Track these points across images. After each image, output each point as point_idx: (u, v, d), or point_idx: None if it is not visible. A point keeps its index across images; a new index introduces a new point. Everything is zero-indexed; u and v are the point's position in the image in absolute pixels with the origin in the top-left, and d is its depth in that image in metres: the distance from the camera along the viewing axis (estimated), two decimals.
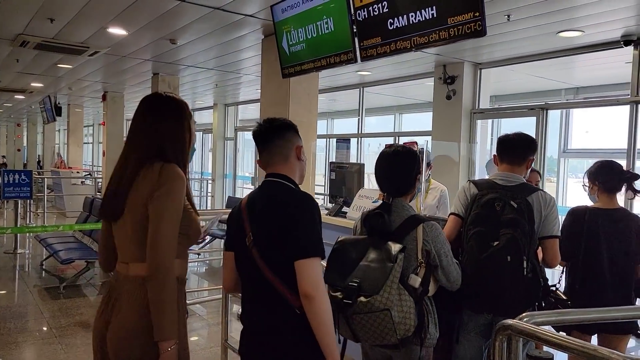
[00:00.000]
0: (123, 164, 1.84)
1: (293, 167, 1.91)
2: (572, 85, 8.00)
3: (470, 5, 2.83)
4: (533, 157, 2.59)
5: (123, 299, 1.76)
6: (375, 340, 2.01)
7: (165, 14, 5.11)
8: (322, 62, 4.04)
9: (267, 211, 1.82)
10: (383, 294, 1.95)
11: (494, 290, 2.31)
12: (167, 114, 1.86)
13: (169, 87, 8.85)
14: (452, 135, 6.68)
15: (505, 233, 2.30)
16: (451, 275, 2.15)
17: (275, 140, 1.89)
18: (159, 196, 1.72)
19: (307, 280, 1.67)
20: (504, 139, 2.64)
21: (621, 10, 4.49)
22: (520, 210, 2.34)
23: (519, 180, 2.51)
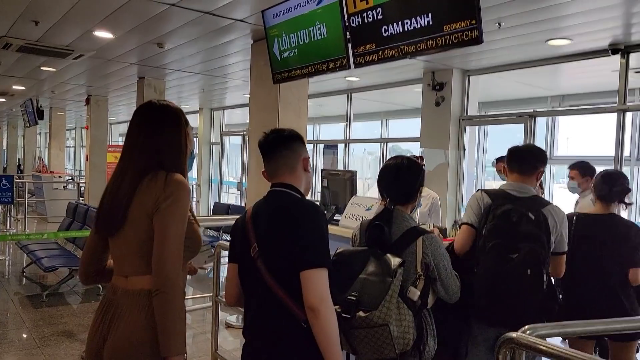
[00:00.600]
0: (119, 176, 1.77)
1: (299, 178, 1.88)
2: (558, 92, 8.08)
3: (466, 13, 2.82)
4: (543, 168, 2.61)
5: (124, 313, 1.69)
6: (374, 354, 1.97)
7: (153, 17, 5.04)
8: (314, 68, 4.00)
9: (273, 221, 1.79)
10: (382, 309, 1.91)
11: (512, 303, 2.31)
12: (163, 123, 1.80)
13: (155, 91, 8.74)
14: (441, 142, 6.69)
15: (525, 246, 2.29)
16: (450, 288, 2.13)
17: (282, 151, 1.87)
18: (166, 207, 1.66)
19: (312, 292, 1.63)
20: (515, 149, 2.67)
21: (609, 19, 4.54)
22: (538, 222, 2.35)
23: (531, 192, 2.54)
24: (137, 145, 1.78)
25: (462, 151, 6.68)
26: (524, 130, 6.04)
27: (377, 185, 2.26)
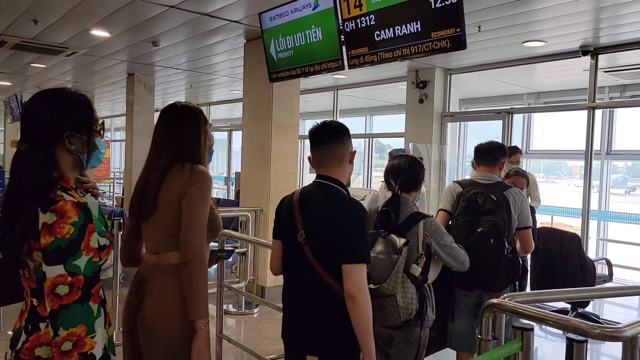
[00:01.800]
0: (149, 168, 2.04)
1: (345, 170, 2.06)
2: (533, 90, 8.49)
3: (452, 22, 3.13)
4: (504, 159, 3.08)
5: (155, 285, 1.94)
6: (382, 322, 2.27)
7: (151, 18, 5.24)
8: (310, 69, 4.27)
9: (322, 215, 1.98)
10: (389, 282, 2.22)
11: (481, 268, 2.70)
12: (185, 122, 2.05)
13: (145, 87, 8.92)
14: (424, 137, 7.02)
15: (487, 220, 2.70)
16: (458, 258, 2.47)
17: (333, 142, 2.03)
18: (192, 192, 1.91)
19: (352, 283, 1.84)
20: (479, 147, 3.12)
21: (579, 24, 4.91)
22: (498, 202, 2.77)
23: (496, 179, 2.99)
24: (164, 141, 2.03)
25: (444, 146, 7.03)
26: (502, 126, 6.41)
27: (386, 176, 2.59)
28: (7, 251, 1.48)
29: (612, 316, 5.11)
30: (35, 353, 1.45)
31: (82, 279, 1.39)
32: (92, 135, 1.57)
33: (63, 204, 1.40)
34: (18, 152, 1.50)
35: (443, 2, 3.13)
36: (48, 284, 1.38)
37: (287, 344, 2.12)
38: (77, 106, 1.56)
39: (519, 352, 1.89)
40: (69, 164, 1.53)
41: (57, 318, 1.37)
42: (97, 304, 1.43)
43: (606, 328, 1.83)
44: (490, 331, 2.15)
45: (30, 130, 1.51)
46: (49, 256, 1.38)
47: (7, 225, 1.46)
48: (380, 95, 9.83)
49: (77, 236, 1.39)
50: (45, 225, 1.38)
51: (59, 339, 1.37)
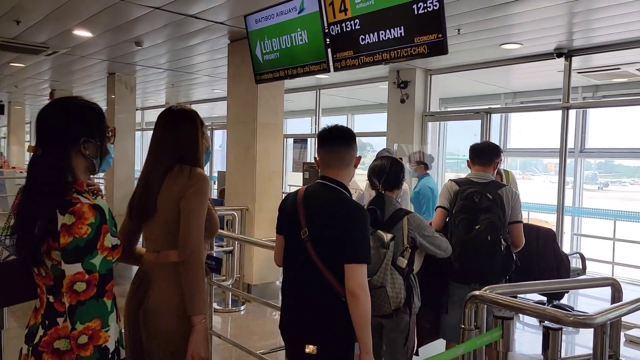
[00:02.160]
0: (148, 171, 2.11)
1: (349, 174, 2.18)
2: (510, 90, 8.72)
3: (434, 28, 3.26)
4: (498, 160, 3.20)
5: (156, 281, 2.03)
6: (374, 311, 2.37)
7: (136, 19, 5.27)
8: (296, 71, 4.37)
9: (327, 216, 2.08)
10: (379, 275, 2.39)
11: (478, 263, 2.87)
12: (182, 125, 2.13)
13: (126, 87, 8.90)
14: (406, 136, 7.18)
15: (485, 218, 2.85)
16: (441, 246, 2.64)
17: (342, 145, 2.14)
18: (190, 194, 1.99)
19: (354, 281, 1.96)
20: (476, 147, 3.25)
21: (554, 27, 5.11)
22: (494, 200, 2.91)
23: (490, 178, 3.13)
24: (162, 144, 2.11)
25: (425, 145, 7.19)
26: (481, 125, 6.60)
27: (370, 176, 2.71)
28: (25, 251, 1.56)
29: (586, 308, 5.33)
30: (54, 346, 1.53)
31: (98, 276, 1.48)
32: (104, 140, 1.66)
33: (80, 206, 1.49)
34: (34, 157, 1.58)
35: (425, 8, 3.26)
36: (67, 281, 1.46)
37: (286, 335, 2.23)
38: (91, 114, 1.65)
39: (500, 340, 2.03)
40: (82, 168, 1.63)
41: (74, 313, 1.46)
42: (110, 299, 1.52)
43: (579, 316, 1.98)
44: (473, 321, 2.30)
45: (47, 135, 1.59)
46: (68, 255, 1.47)
47: (26, 226, 1.53)
48: (362, 94, 9.97)
49: (94, 236, 1.48)
50: (64, 226, 1.47)
51: (76, 332, 1.45)
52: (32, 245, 1.53)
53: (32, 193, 1.56)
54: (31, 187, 1.58)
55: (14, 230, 1.60)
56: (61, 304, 1.54)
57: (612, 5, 4.37)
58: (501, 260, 2.93)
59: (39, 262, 1.54)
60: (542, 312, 2.08)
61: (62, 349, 1.53)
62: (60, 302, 1.55)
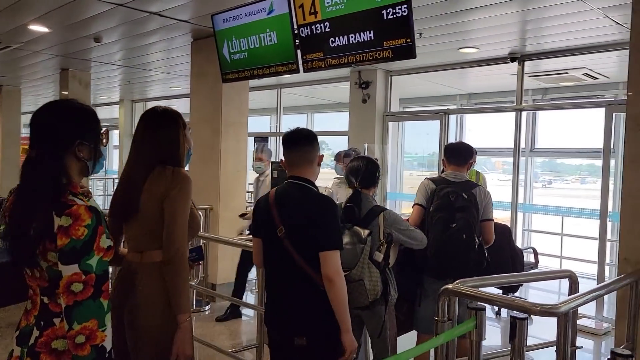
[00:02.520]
0: (129, 170, 2.13)
1: (314, 171, 2.32)
2: (465, 91, 9.05)
3: (403, 33, 3.39)
4: (472, 160, 3.34)
5: (141, 281, 2.04)
6: (352, 303, 2.50)
7: (97, 15, 5.16)
8: (265, 71, 4.41)
9: (298, 211, 2.22)
10: (357, 269, 2.52)
11: (454, 260, 3.02)
12: (164, 126, 2.15)
13: (80, 83, 8.63)
14: (367, 136, 7.33)
15: (460, 217, 2.98)
16: (416, 238, 2.80)
17: (305, 146, 2.29)
18: (174, 195, 2.02)
19: (330, 267, 2.11)
20: (451, 147, 3.42)
21: (508, 34, 5.39)
22: (469, 199, 3.05)
23: (465, 177, 3.30)
24: (143, 144, 2.13)
25: (385, 145, 7.37)
26: (439, 125, 6.83)
27: (347, 176, 2.83)
28: (20, 253, 1.56)
29: (537, 300, 5.64)
30: (52, 346, 1.54)
31: (94, 277, 1.50)
32: (98, 143, 1.67)
33: (77, 207, 1.51)
34: (28, 160, 1.58)
35: (394, 14, 3.39)
36: (64, 281, 1.48)
37: (273, 329, 2.31)
38: (86, 116, 1.67)
39: (474, 330, 2.17)
40: (76, 171, 1.64)
41: (72, 313, 1.48)
42: (107, 300, 1.54)
43: (545, 305, 2.14)
44: (446, 313, 2.43)
45: (42, 138, 1.59)
46: (65, 256, 1.48)
47: (21, 229, 1.53)
48: (321, 93, 10.07)
49: (90, 237, 1.50)
50: (61, 228, 1.48)
51: (73, 332, 1.47)
52: (27, 247, 1.53)
53: (27, 195, 1.56)
54: (26, 189, 1.58)
55: (7, 233, 1.59)
56: (56, 304, 1.56)
57: (560, 15, 4.65)
58: (475, 257, 3.10)
59: (34, 264, 1.55)
60: (510, 303, 2.24)
61: (60, 349, 1.55)
62: (56, 303, 1.56)
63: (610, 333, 4.94)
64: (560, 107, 7.52)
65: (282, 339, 2.25)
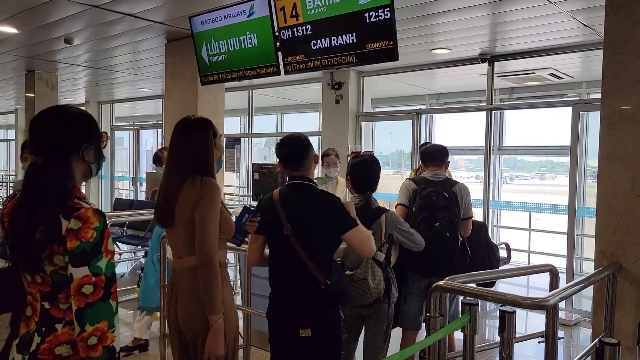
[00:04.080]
0: (168, 180, 2.24)
1: (311, 169, 2.43)
2: (434, 91, 9.24)
3: (385, 35, 3.46)
4: (448, 159, 3.41)
5: (184, 287, 2.22)
6: (356, 301, 2.62)
7: (70, 16, 5.06)
8: (245, 73, 4.41)
9: (304, 209, 2.31)
10: (361, 268, 2.60)
11: (438, 258, 3.10)
12: (196, 135, 2.24)
13: (47, 85, 8.42)
14: (340, 136, 7.40)
15: (443, 216, 3.06)
16: (416, 240, 2.86)
17: (300, 151, 2.38)
18: (202, 204, 2.14)
19: (363, 246, 2.28)
20: (427, 151, 3.51)
21: (478, 35, 5.54)
22: (450, 198, 3.13)
23: (443, 176, 3.37)
24: (177, 155, 2.25)
25: (359, 145, 7.45)
26: (412, 124, 6.96)
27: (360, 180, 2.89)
28: (26, 257, 1.54)
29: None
30: (55, 352, 1.53)
31: (104, 278, 1.51)
32: (100, 145, 1.68)
33: (85, 210, 1.51)
34: (34, 166, 1.57)
35: (377, 17, 3.45)
36: (75, 284, 1.48)
37: (277, 323, 2.40)
38: (87, 121, 1.68)
39: (468, 324, 2.25)
40: (80, 174, 1.64)
41: (83, 315, 1.48)
42: (115, 301, 1.55)
43: (535, 299, 2.25)
44: (437, 309, 2.52)
45: (48, 145, 1.58)
46: (76, 258, 1.48)
47: (26, 233, 1.52)
48: (292, 94, 10.10)
49: (99, 240, 1.51)
50: (71, 231, 1.48)
51: (85, 334, 1.47)
52: (33, 251, 1.52)
53: (34, 200, 1.55)
54: (31, 194, 1.56)
55: (9, 237, 1.58)
56: (58, 309, 1.55)
57: (529, 18, 4.83)
58: (458, 254, 3.19)
59: (39, 268, 1.54)
60: (502, 297, 2.33)
61: (64, 355, 1.54)
62: (58, 308, 1.56)
63: (580, 324, 5.16)
64: (530, 106, 7.76)
65: (287, 331, 2.34)
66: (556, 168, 18.97)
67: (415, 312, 3.27)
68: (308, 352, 2.32)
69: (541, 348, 2.36)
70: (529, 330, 4.75)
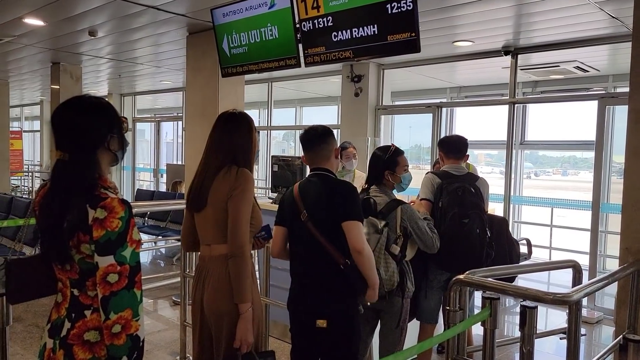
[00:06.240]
0: (204, 167, 2.31)
1: (333, 164, 2.46)
2: (455, 84, 9.13)
3: (407, 27, 3.43)
4: (467, 152, 3.35)
5: (212, 273, 2.26)
6: None
7: (95, 8, 5.12)
8: (266, 65, 4.41)
9: (320, 194, 2.38)
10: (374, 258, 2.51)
11: (468, 254, 3.08)
12: (238, 129, 2.33)
13: (72, 77, 8.53)
14: (359, 130, 7.37)
15: (473, 212, 3.02)
16: (426, 242, 2.82)
17: (320, 144, 2.44)
18: (237, 194, 2.19)
19: (356, 239, 2.27)
20: (448, 141, 3.44)
21: (502, 27, 5.45)
22: (476, 194, 3.08)
23: (465, 170, 3.33)
24: (218, 145, 2.31)
25: (377, 139, 7.42)
26: (432, 118, 6.90)
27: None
28: (53, 245, 1.58)
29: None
30: (84, 337, 1.57)
31: (128, 268, 1.53)
32: (122, 133, 1.70)
33: (110, 200, 1.53)
34: (61, 162, 1.60)
35: (399, 8, 3.42)
36: (100, 272, 1.51)
37: (295, 312, 2.44)
38: (108, 109, 1.70)
39: (489, 318, 2.23)
40: (106, 163, 1.67)
41: (108, 303, 1.50)
42: (140, 290, 1.57)
43: (557, 294, 2.22)
44: (457, 303, 2.50)
45: (74, 140, 1.61)
46: (101, 247, 1.51)
47: (55, 222, 1.55)
48: (311, 87, 10.09)
49: (124, 229, 1.53)
50: (97, 220, 1.50)
51: (109, 322, 1.50)
52: (61, 240, 1.55)
53: (61, 191, 1.58)
54: (59, 185, 1.59)
55: (40, 226, 1.62)
56: (87, 296, 1.58)
57: (555, 9, 4.73)
58: (485, 249, 3.17)
59: (67, 256, 1.57)
60: (524, 292, 2.31)
61: (92, 341, 1.57)
62: (86, 295, 1.59)
63: (602, 322, 5.08)
64: (554, 100, 7.62)
65: (305, 321, 2.38)
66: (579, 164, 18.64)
67: (435, 306, 3.25)
68: (325, 343, 2.35)
69: (561, 346, 2.34)
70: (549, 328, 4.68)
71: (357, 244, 2.26)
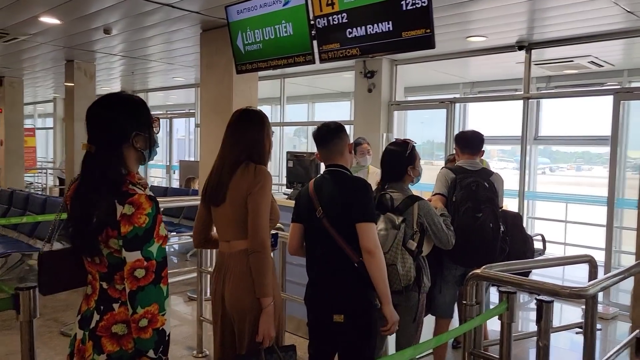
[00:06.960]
0: (221, 162, 2.33)
1: (346, 160, 2.48)
2: (468, 80, 9.09)
3: (422, 23, 3.43)
4: (483, 148, 3.35)
5: (232, 269, 2.28)
6: None
7: (110, 7, 5.17)
8: (280, 62, 4.44)
9: (335, 191, 2.39)
10: (390, 253, 2.58)
11: (481, 248, 3.10)
12: (253, 126, 2.35)
13: (85, 74, 8.62)
14: (373, 125, 7.38)
15: (486, 207, 3.03)
16: (442, 239, 2.82)
17: (333, 139, 2.46)
18: (257, 191, 2.22)
19: (368, 239, 2.26)
20: (465, 136, 3.43)
21: (516, 22, 5.43)
22: (490, 189, 3.09)
23: (480, 165, 3.34)
24: (234, 141, 2.33)
25: (390, 134, 7.42)
26: (446, 113, 6.89)
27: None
28: (82, 240, 1.62)
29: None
30: (112, 330, 1.61)
31: (155, 263, 1.57)
32: (152, 132, 1.73)
33: (138, 197, 1.56)
34: (89, 155, 1.64)
35: (414, 4, 3.43)
36: (128, 267, 1.54)
37: (312, 307, 2.47)
38: (138, 108, 1.72)
39: (506, 312, 2.25)
40: (133, 160, 1.70)
41: (135, 298, 1.54)
42: (166, 285, 1.60)
43: (574, 288, 2.23)
44: (474, 297, 2.52)
45: (100, 134, 1.65)
46: (129, 243, 1.54)
47: (84, 217, 1.60)
48: (323, 83, 10.10)
49: (151, 225, 1.56)
50: (124, 216, 1.54)
51: (137, 316, 1.54)
52: (90, 234, 1.59)
53: (90, 186, 1.62)
54: (89, 179, 1.64)
55: (70, 220, 1.66)
56: (115, 290, 1.62)
57: (569, 4, 4.70)
58: (500, 243, 3.18)
59: (96, 250, 1.61)
60: (540, 286, 2.32)
61: (120, 333, 1.61)
62: (114, 289, 1.63)
63: (617, 318, 5.05)
64: (568, 95, 7.56)
65: (322, 317, 2.40)
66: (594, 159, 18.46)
67: (450, 300, 3.27)
68: (342, 338, 2.37)
69: (575, 341, 2.35)
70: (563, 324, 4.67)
71: (369, 244, 2.27)
